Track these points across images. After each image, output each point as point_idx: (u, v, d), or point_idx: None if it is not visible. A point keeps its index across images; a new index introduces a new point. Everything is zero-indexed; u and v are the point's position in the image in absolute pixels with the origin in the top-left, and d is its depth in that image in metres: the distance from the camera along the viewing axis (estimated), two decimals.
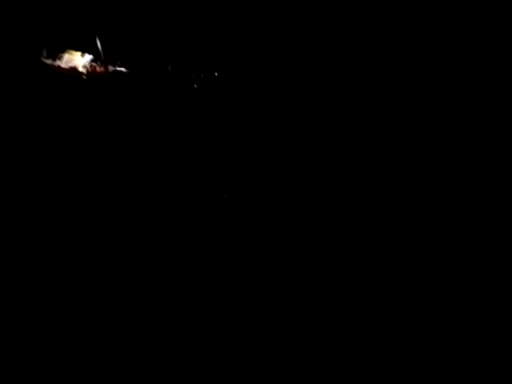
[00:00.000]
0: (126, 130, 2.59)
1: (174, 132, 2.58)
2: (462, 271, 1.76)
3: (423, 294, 1.74)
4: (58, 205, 2.38)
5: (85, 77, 2.64)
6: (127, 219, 2.34)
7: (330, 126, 2.31)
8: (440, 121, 2.02)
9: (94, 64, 2.65)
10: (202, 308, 1.78)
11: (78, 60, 2.66)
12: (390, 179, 2.00)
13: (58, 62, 2.66)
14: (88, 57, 2.67)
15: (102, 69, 2.64)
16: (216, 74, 2.62)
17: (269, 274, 1.89)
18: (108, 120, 2.60)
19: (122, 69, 2.63)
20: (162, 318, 1.76)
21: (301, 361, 1.61)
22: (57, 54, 2.67)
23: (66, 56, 2.67)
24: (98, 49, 2.65)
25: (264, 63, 2.59)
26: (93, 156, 2.56)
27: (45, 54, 2.65)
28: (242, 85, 2.62)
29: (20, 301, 1.79)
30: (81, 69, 2.65)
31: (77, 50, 2.67)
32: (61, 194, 2.41)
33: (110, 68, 2.64)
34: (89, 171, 2.54)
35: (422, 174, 1.97)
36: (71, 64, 2.65)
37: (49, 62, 2.65)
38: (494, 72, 1.97)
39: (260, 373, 1.59)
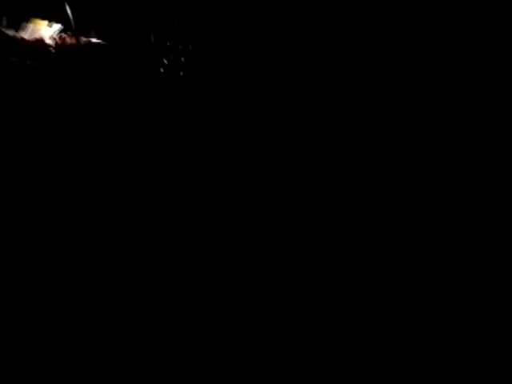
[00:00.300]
0: (101, 112, 2.23)
1: (157, 114, 2.23)
2: (462, 271, 1.76)
3: (423, 294, 1.74)
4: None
5: (53, 50, 2.28)
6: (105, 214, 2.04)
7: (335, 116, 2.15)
8: (440, 121, 1.98)
9: (63, 35, 2.29)
10: (201, 307, 1.76)
11: (45, 30, 2.30)
12: (390, 179, 1.97)
13: (20, 33, 2.29)
14: (56, 26, 2.31)
15: (73, 40, 2.28)
16: (208, 45, 2.26)
17: (268, 273, 1.84)
18: (81, 101, 2.23)
19: (97, 40, 2.28)
20: (162, 318, 1.73)
21: (301, 361, 1.61)
22: (19, 24, 2.29)
23: (31, 26, 2.30)
24: (68, 17, 2.29)
25: (265, 33, 2.24)
26: (62, 144, 2.20)
27: (4, 23, 2.27)
28: (239, 59, 2.28)
29: (20, 300, 1.75)
30: (48, 41, 2.29)
31: (43, 18, 2.31)
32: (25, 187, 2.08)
33: (83, 39, 2.28)
34: (57, 162, 2.18)
35: (423, 175, 1.95)
36: (36, 35, 2.29)
37: (10, 32, 2.27)
38: (494, 72, 1.94)
39: (260, 373, 1.59)
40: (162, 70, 2.25)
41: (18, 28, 2.29)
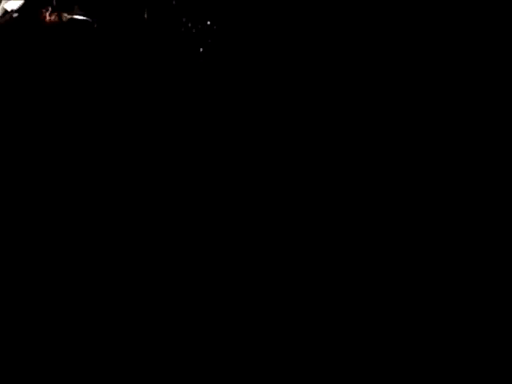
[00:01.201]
0: (87, 101, 1.96)
1: (151, 103, 1.95)
2: (463, 272, 1.78)
3: (423, 294, 1.77)
4: None
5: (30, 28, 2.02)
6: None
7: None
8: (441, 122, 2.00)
9: (42, 10, 2.03)
10: (201, 308, 1.77)
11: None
12: (390, 180, 1.98)
13: None
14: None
15: (53, 17, 2.03)
16: (209, 23, 1.98)
17: (268, 274, 1.84)
18: (63, 88, 1.97)
19: (82, 17, 2.03)
20: (162, 318, 1.74)
21: (301, 361, 1.65)
22: None
23: (3, 1, 2.03)
24: None
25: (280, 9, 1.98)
26: (41, 138, 1.93)
27: None
28: (249, 40, 2.01)
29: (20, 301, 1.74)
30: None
31: None
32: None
33: (65, 16, 2.03)
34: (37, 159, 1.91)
35: (422, 174, 1.96)
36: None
37: None
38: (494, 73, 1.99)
39: (260, 373, 1.62)
40: (157, 53, 1.99)
41: None
